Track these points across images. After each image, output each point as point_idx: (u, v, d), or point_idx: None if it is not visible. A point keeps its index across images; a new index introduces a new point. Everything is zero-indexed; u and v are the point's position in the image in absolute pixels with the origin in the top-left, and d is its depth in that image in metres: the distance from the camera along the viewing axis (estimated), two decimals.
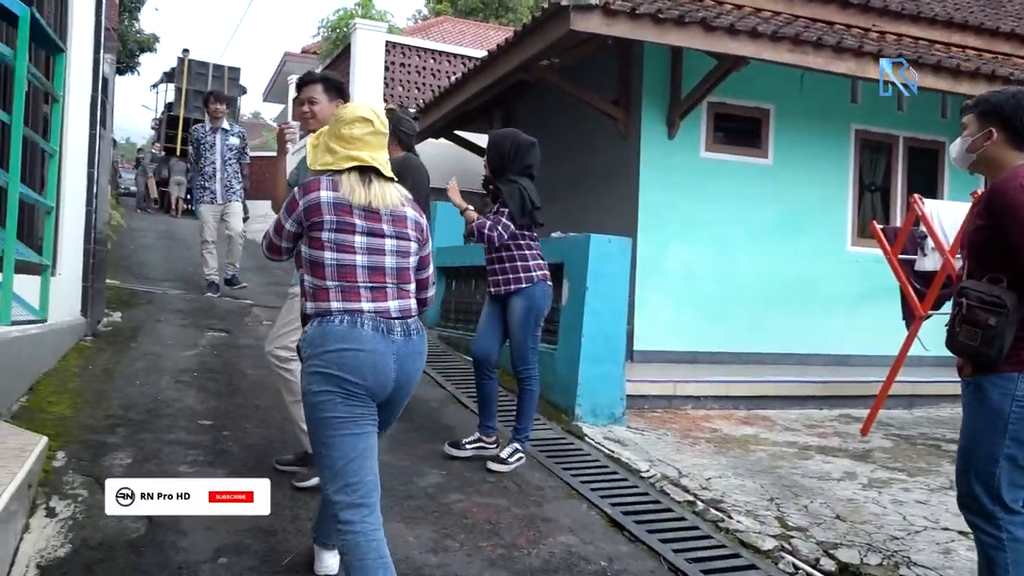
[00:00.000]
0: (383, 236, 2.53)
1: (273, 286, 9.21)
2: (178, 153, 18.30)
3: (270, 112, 35.34)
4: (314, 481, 3.56)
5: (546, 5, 6.78)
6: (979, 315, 2.47)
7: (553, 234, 6.13)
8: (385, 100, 12.58)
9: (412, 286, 2.62)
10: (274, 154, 4.75)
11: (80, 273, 6.06)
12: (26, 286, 4.20)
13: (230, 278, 8.57)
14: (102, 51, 6.34)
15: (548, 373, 5.74)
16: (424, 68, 13.40)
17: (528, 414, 4.47)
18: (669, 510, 3.97)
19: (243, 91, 21.00)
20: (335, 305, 2.45)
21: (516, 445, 4.42)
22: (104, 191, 7.01)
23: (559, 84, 7.85)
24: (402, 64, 13.26)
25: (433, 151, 11.49)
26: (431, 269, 2.79)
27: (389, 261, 2.54)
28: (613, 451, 4.79)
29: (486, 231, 4.28)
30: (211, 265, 8.40)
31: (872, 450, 5.47)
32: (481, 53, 10.64)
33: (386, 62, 13.12)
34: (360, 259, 2.49)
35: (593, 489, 4.14)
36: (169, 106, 20.38)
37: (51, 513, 3.18)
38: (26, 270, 4.22)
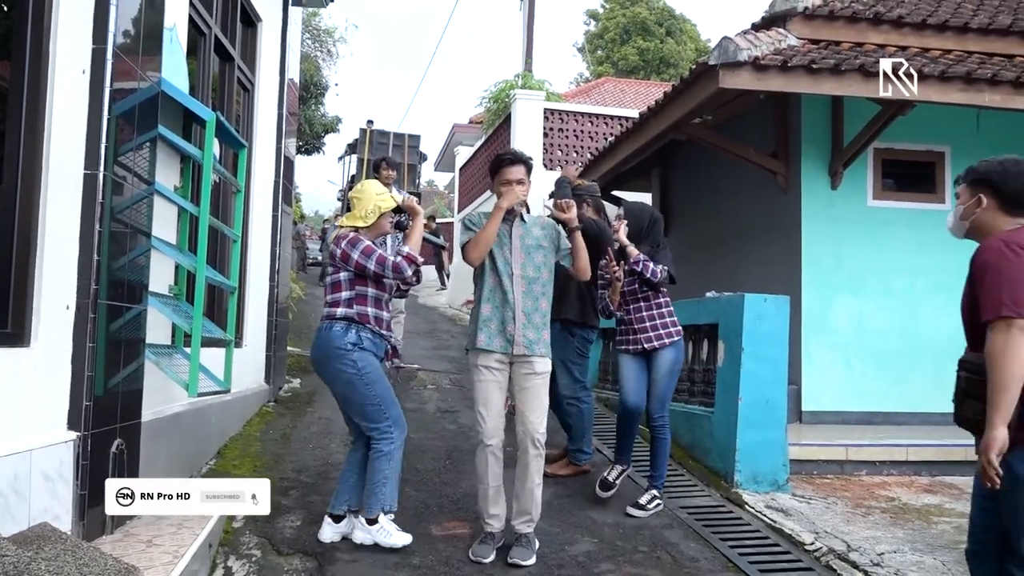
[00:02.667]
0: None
1: (439, 350, 9.55)
2: None
3: (442, 180, 37.07)
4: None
5: (696, 63, 6.75)
6: (981, 388, 2.43)
7: (708, 294, 6.01)
8: (563, 162, 12.86)
9: (337, 296, 3.81)
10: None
11: (264, 343, 6.60)
12: (215, 358, 4.64)
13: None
14: (283, 138, 7.00)
15: (705, 437, 5.59)
16: (582, 131, 13.66)
17: (663, 461, 4.78)
18: None
19: (423, 158, 20.88)
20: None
21: (655, 492, 4.69)
22: (286, 266, 7.61)
23: (713, 141, 7.77)
24: (560, 129, 13.59)
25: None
26: (370, 267, 3.76)
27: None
28: (775, 521, 4.56)
29: (652, 268, 4.59)
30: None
31: None
32: (636, 113, 10.73)
33: (544, 128, 13.50)
34: None
35: (752, 562, 3.96)
36: (353, 178, 21.52)
37: (228, 572, 3.46)
38: (214, 344, 4.66)
